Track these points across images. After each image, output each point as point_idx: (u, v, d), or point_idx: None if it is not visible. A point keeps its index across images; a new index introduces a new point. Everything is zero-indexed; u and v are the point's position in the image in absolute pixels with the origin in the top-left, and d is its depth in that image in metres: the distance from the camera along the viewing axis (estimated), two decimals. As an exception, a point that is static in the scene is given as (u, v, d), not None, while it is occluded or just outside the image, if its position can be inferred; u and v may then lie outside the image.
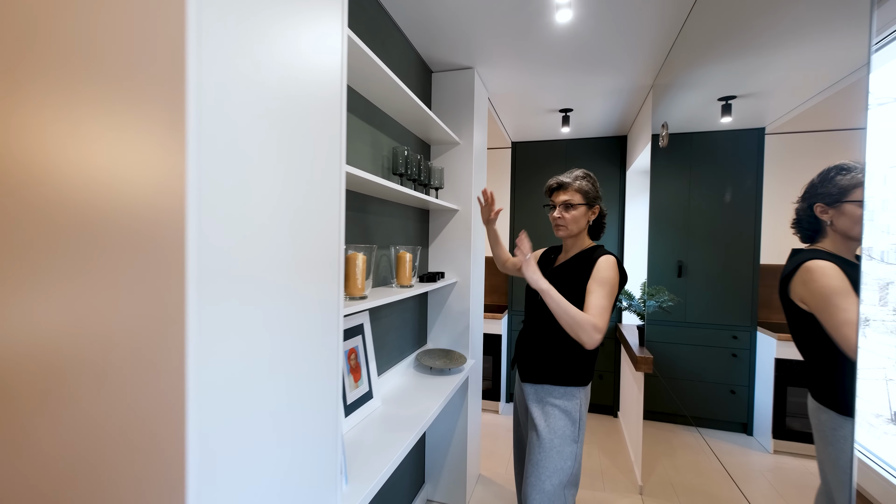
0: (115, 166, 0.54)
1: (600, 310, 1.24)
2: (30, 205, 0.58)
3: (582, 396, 1.38)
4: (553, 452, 1.32)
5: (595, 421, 3.34)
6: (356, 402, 1.38)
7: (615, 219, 3.48)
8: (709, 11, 1.54)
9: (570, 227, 1.41)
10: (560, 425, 1.34)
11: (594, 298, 1.27)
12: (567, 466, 1.32)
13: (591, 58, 2.07)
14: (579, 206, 1.40)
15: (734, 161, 1.77)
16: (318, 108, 0.82)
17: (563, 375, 1.37)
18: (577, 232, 1.43)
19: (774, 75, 1.47)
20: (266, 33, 0.67)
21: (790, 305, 1.02)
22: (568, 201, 1.40)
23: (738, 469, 1.82)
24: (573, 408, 1.36)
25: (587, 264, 1.36)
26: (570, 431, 1.34)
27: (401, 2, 1.65)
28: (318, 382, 0.84)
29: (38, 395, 0.58)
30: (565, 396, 1.36)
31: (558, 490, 1.31)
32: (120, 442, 0.55)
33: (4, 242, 0.60)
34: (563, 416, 1.35)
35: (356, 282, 1.21)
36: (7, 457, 0.60)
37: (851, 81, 1.13)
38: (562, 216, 1.41)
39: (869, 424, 1.07)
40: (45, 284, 0.58)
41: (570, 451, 1.33)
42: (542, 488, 1.31)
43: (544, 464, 1.32)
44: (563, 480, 1.32)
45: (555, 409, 1.36)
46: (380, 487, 1.08)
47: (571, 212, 1.40)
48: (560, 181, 1.43)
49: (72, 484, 0.57)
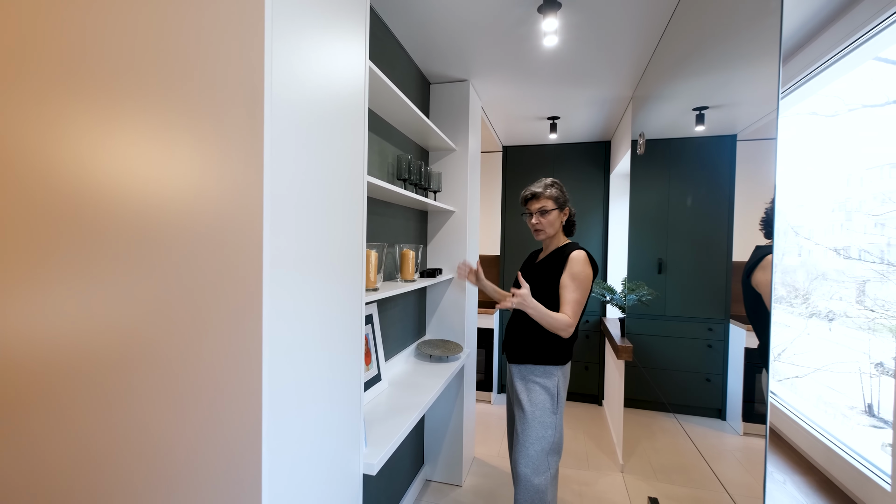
0: (204, 178, 0.71)
1: (572, 304, 1.50)
2: (127, 212, 0.75)
3: (560, 374, 1.59)
4: (535, 423, 1.52)
5: (581, 409, 3.55)
6: (368, 383, 1.55)
7: (600, 219, 3.68)
8: (679, 34, 1.73)
9: (547, 230, 1.63)
10: (541, 399, 1.54)
11: (567, 293, 1.52)
12: (548, 435, 1.52)
13: (575, 73, 2.27)
14: (552, 211, 1.61)
15: (709, 166, 1.94)
16: (346, 126, 0.99)
17: (542, 356, 1.58)
18: (553, 233, 1.65)
19: (740, 88, 1.66)
20: (311, 64, 0.84)
21: (748, 289, 1.21)
22: (542, 208, 1.61)
23: (711, 450, 2.02)
24: (552, 384, 1.57)
25: (561, 259, 1.58)
26: (549, 405, 1.54)
27: (405, 25, 1.83)
28: (349, 357, 1.01)
29: (140, 355, 0.75)
30: (545, 374, 1.57)
31: (542, 455, 1.51)
32: (228, 374, 0.71)
33: (105, 243, 0.76)
34: (542, 391, 1.55)
35: (370, 275, 1.39)
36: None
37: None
38: (539, 222, 1.62)
39: (843, 416, 1.21)
40: (158, 271, 0.74)
41: (550, 421, 1.53)
42: (526, 454, 1.51)
43: (528, 433, 1.52)
44: (545, 447, 1.52)
45: (536, 386, 1.56)
46: (391, 453, 1.25)
47: (547, 217, 1.61)
48: (533, 192, 1.64)
49: (178, 429, 0.74)
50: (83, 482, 0.78)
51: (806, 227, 1.42)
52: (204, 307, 0.71)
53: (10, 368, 0.81)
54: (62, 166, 0.78)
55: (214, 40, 0.70)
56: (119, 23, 0.75)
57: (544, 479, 1.52)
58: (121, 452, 0.76)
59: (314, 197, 0.85)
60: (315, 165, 0.85)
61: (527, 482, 1.51)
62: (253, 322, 0.69)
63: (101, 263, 0.76)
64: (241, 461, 0.71)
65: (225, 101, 0.70)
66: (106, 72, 0.75)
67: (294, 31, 0.77)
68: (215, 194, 0.70)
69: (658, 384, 2.43)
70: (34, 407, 0.81)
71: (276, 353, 0.73)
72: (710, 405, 1.65)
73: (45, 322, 0.80)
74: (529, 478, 1.51)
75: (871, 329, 1.22)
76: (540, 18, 1.70)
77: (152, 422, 0.74)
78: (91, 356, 0.77)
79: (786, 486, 1.08)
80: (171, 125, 0.72)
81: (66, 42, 0.77)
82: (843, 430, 1.12)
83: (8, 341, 0.81)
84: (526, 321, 1.61)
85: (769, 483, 1.11)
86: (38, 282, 0.80)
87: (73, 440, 0.79)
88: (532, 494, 1.50)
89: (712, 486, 1.10)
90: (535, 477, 1.51)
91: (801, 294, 1.42)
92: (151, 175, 0.73)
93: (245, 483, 0.71)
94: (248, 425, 0.70)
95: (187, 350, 0.72)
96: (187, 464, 0.73)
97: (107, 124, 0.75)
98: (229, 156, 0.70)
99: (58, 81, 0.78)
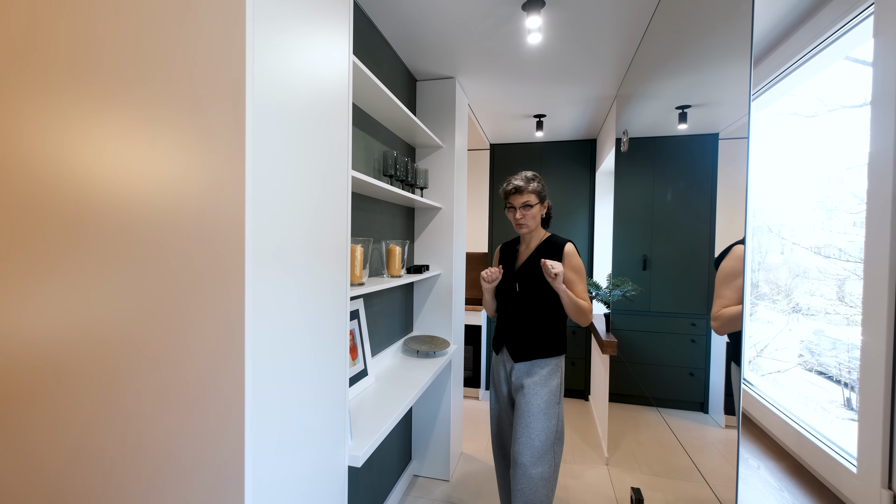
0: (186, 173, 0.71)
1: (586, 294, 1.61)
2: (111, 208, 0.75)
3: (562, 364, 1.66)
4: (541, 414, 1.54)
5: (568, 404, 3.59)
6: (354, 378, 1.56)
7: (586, 216, 3.73)
8: (660, 34, 1.77)
9: (530, 224, 1.67)
10: (546, 391, 1.57)
11: (577, 287, 1.60)
12: (552, 425, 1.55)
13: (559, 71, 2.29)
14: (535, 206, 1.64)
15: (692, 164, 1.98)
16: (330, 121, 1.00)
17: (550, 349, 1.63)
18: (535, 227, 1.69)
19: (719, 88, 1.70)
20: (294, 58, 0.85)
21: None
22: (526, 202, 1.63)
23: (694, 442, 2.06)
24: (557, 375, 1.63)
25: (556, 253, 1.62)
26: (555, 396, 1.59)
27: (391, 22, 1.84)
28: (333, 349, 1.02)
29: (133, 350, 0.75)
30: (549, 366, 1.62)
31: (547, 446, 1.53)
32: (208, 368, 0.72)
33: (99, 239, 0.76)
34: (550, 382, 1.60)
35: (356, 270, 1.39)
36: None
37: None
38: (523, 216, 1.65)
39: (823, 409, 1.25)
40: (143, 266, 0.74)
41: (554, 411, 1.57)
42: (532, 445, 1.52)
43: (534, 424, 1.54)
44: (550, 437, 1.54)
45: (541, 378, 1.60)
46: (377, 445, 1.26)
47: (530, 211, 1.64)
48: (516, 185, 1.65)
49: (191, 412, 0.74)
50: (73, 474, 0.78)
51: (788, 225, 1.45)
52: (189, 300, 0.71)
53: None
54: (44, 163, 0.77)
55: (196, 35, 0.70)
56: (102, 19, 0.74)
57: (549, 469, 1.54)
58: (107, 445, 0.76)
59: (297, 191, 0.85)
60: (298, 159, 0.85)
61: (531, 471, 1.51)
62: (235, 315, 0.70)
63: (85, 259, 0.76)
64: (224, 452, 0.71)
65: (207, 96, 0.70)
66: (89, 68, 0.75)
67: (275, 26, 0.77)
68: (198, 189, 0.70)
69: (643, 379, 2.47)
70: (24, 402, 0.80)
71: (258, 347, 0.73)
72: (694, 399, 1.67)
73: (29, 319, 0.79)
74: (534, 467, 1.52)
75: (850, 325, 1.25)
76: (524, 16, 1.72)
77: (137, 414, 0.74)
78: (78, 351, 0.77)
79: (759, 472, 1.12)
80: (153, 120, 0.72)
81: (50, 39, 0.77)
82: (823, 422, 1.15)
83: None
84: (530, 318, 1.65)
85: (744, 469, 1.15)
86: (23, 279, 0.79)
87: (64, 434, 0.78)
88: (536, 483, 1.51)
89: (693, 476, 1.13)
90: (540, 466, 1.52)
91: (782, 291, 1.46)
92: (134, 170, 0.73)
93: (229, 474, 0.71)
94: (231, 417, 0.71)
95: (172, 343, 0.72)
96: (170, 456, 0.73)
97: (90, 120, 0.75)
98: (212, 150, 0.70)
99: (40, 78, 0.77)
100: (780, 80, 1.31)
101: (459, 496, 2.27)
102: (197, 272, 0.71)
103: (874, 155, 0.86)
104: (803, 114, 1.40)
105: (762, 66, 1.40)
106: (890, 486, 0.84)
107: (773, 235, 1.50)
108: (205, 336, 0.71)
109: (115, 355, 0.75)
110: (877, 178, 0.85)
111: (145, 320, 0.73)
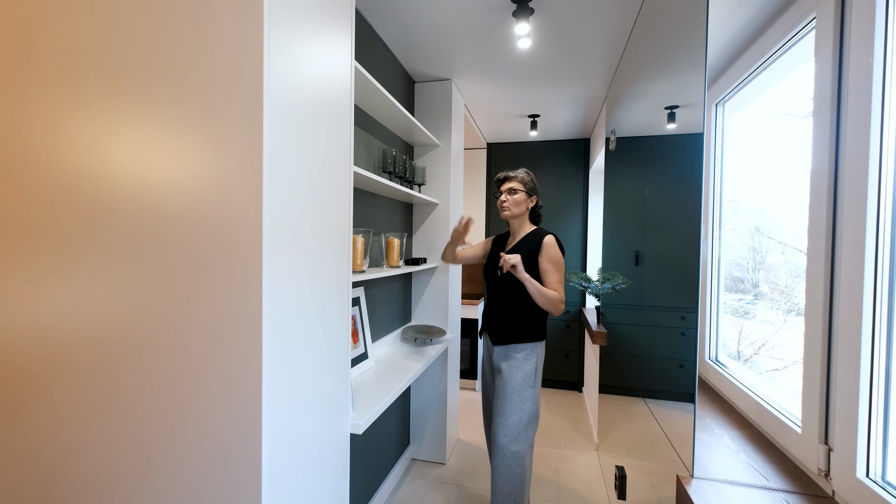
0: (208, 164, 0.83)
1: (559, 285, 1.67)
2: (151, 199, 0.86)
3: (539, 350, 1.73)
4: (515, 396, 1.65)
5: (562, 395, 3.71)
6: (355, 360, 1.68)
7: (580, 213, 3.85)
8: (643, 38, 1.89)
9: (513, 209, 1.78)
10: (522, 374, 1.67)
11: (550, 276, 1.68)
12: (527, 406, 1.66)
13: (550, 73, 2.41)
14: (520, 192, 1.77)
15: (681, 162, 2.08)
16: (334, 120, 1.12)
17: (526, 335, 1.72)
18: (518, 214, 1.79)
19: (698, 90, 1.81)
20: (302, 62, 0.96)
21: None
22: (511, 188, 1.77)
23: (682, 431, 2.18)
24: (533, 360, 1.71)
25: (535, 243, 1.73)
26: (529, 379, 1.68)
27: (390, 28, 1.96)
28: (338, 325, 1.14)
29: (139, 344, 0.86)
30: (525, 351, 1.70)
31: (521, 426, 1.64)
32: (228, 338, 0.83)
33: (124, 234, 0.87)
34: (525, 366, 1.69)
35: (357, 258, 1.51)
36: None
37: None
38: (507, 199, 1.78)
39: (795, 391, 1.35)
40: (171, 248, 0.86)
41: (528, 394, 1.67)
42: (505, 424, 1.64)
43: (508, 405, 1.65)
44: (523, 418, 1.65)
45: (518, 362, 1.70)
46: (377, 417, 1.38)
47: (514, 196, 1.77)
48: (506, 174, 1.81)
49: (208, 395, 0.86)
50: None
51: (788, 225, 1.47)
52: (212, 277, 0.83)
53: (6, 355, 0.92)
54: (65, 161, 0.89)
55: (219, 43, 0.82)
56: (130, 27, 0.86)
57: (523, 447, 1.65)
58: (142, 380, 0.88)
59: (305, 181, 0.97)
60: (306, 154, 0.97)
61: (505, 449, 1.64)
62: (254, 288, 0.81)
63: (114, 247, 0.88)
64: (242, 406, 0.83)
65: (228, 98, 0.82)
66: (119, 72, 0.87)
67: (288, 34, 0.89)
68: (220, 179, 0.82)
69: (635, 371, 2.57)
70: (29, 388, 0.92)
71: (273, 318, 0.85)
72: (684, 390, 1.75)
73: (53, 307, 0.91)
74: (508, 445, 1.64)
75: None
76: (514, 23, 1.84)
77: (176, 373, 0.86)
78: (119, 329, 0.88)
79: (723, 439, 1.24)
80: (178, 121, 0.84)
81: (72, 42, 0.88)
82: (781, 396, 1.24)
83: (7, 327, 0.92)
84: (508, 304, 1.75)
85: (709, 436, 1.27)
86: (49, 270, 0.91)
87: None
88: (510, 460, 1.63)
89: (674, 460, 1.24)
90: (514, 444, 1.64)
91: (781, 290, 1.51)
92: (160, 163, 0.85)
93: (248, 431, 0.82)
94: (250, 374, 0.82)
95: (196, 317, 0.84)
96: (191, 405, 0.85)
97: (120, 121, 0.87)
98: (232, 146, 0.82)
99: (62, 80, 0.89)
100: (753, 79, 1.43)
101: (454, 477, 2.38)
102: (219, 250, 0.82)
103: (815, 172, 0.98)
104: (799, 115, 1.42)
105: (734, 67, 1.51)
106: (826, 441, 0.96)
107: (773, 235, 1.52)
108: (226, 308, 0.82)
109: (149, 327, 0.87)
110: (817, 192, 0.97)
111: (177, 291, 0.85)
